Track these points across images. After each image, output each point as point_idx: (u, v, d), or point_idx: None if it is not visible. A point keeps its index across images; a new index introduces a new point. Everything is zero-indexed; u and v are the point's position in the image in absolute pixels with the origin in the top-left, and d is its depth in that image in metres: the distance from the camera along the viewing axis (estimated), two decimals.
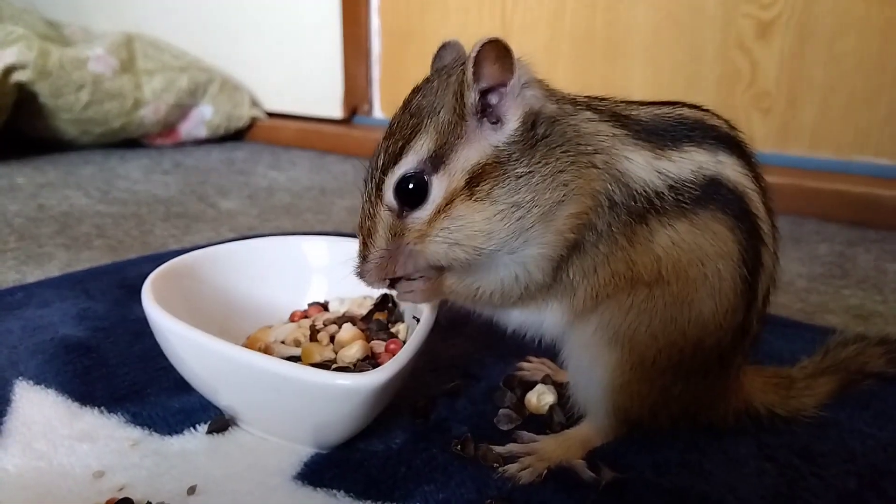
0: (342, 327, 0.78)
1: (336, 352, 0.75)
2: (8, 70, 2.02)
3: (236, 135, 2.59)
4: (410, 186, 0.62)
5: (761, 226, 0.66)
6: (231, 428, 0.72)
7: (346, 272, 0.68)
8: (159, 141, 2.44)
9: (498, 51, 0.59)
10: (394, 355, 0.66)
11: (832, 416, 0.77)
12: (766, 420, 0.75)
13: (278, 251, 0.92)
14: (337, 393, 0.62)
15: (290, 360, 0.70)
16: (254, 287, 0.88)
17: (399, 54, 2.36)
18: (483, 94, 0.61)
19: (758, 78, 1.76)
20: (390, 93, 2.42)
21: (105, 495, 0.62)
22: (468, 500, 0.62)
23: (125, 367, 0.84)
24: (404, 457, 0.68)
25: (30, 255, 1.29)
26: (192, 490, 0.63)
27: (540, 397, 0.77)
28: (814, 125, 1.72)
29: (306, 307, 0.88)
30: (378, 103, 2.46)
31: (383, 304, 0.83)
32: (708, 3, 1.78)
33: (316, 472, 0.66)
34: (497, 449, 0.69)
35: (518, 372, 0.84)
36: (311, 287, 0.91)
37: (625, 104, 0.69)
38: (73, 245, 1.36)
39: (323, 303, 0.88)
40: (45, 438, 0.70)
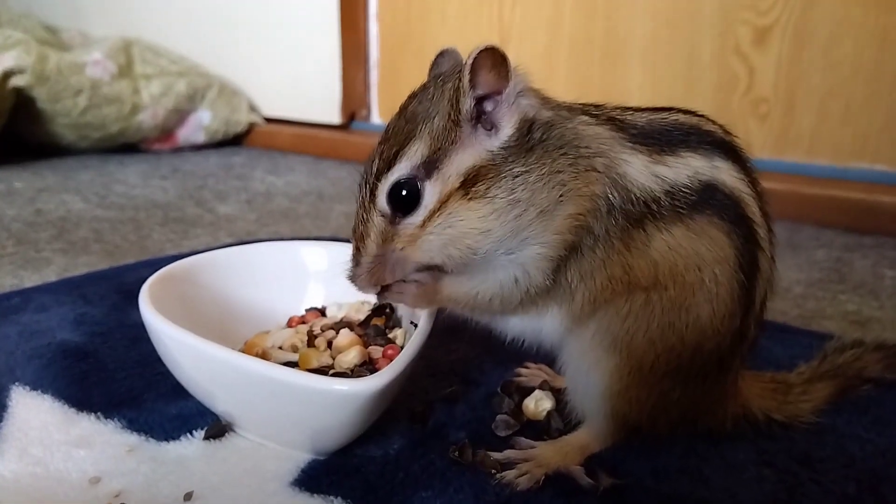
0: (339, 333, 0.78)
1: (334, 357, 0.75)
2: (6, 74, 2.02)
3: (234, 140, 2.59)
4: (403, 192, 0.62)
5: (757, 231, 0.66)
6: (228, 434, 0.72)
7: (344, 278, 0.68)
8: (157, 146, 2.44)
9: (494, 59, 0.60)
10: (391, 361, 0.66)
11: (830, 422, 0.77)
12: (765, 426, 0.75)
13: (276, 256, 0.92)
14: (334, 398, 0.62)
15: (288, 366, 0.70)
16: (251, 292, 0.88)
17: (397, 60, 2.37)
18: (479, 101, 0.62)
19: (755, 84, 1.77)
20: (388, 98, 2.42)
21: (101, 501, 0.61)
22: None
23: (122, 373, 0.84)
24: (402, 463, 0.68)
25: (27, 260, 1.29)
26: (189, 496, 0.62)
27: (538, 403, 0.77)
28: (811, 131, 1.72)
29: (304, 312, 0.88)
30: (376, 109, 2.47)
31: (381, 310, 0.83)
32: (705, 10, 1.79)
33: (313, 478, 0.66)
34: (495, 455, 0.68)
35: (516, 378, 0.84)
36: (309, 292, 0.91)
37: (620, 109, 0.69)
38: (71, 250, 1.36)
39: (320, 308, 0.88)
40: (42, 444, 0.70)
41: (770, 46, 1.73)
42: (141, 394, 0.79)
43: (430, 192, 0.62)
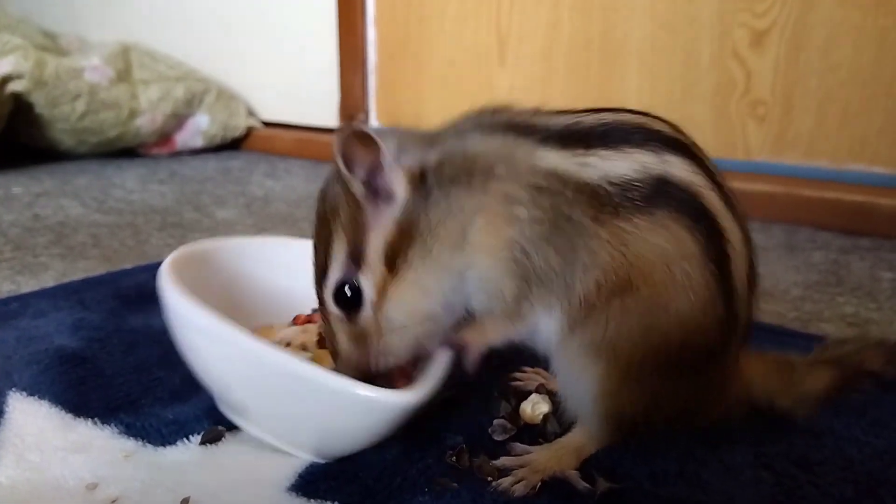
0: None
1: None
2: (4, 80, 2.02)
3: (232, 144, 2.60)
4: (347, 293, 0.64)
5: (720, 222, 0.64)
6: (224, 439, 0.72)
7: None
8: (155, 150, 2.44)
9: (357, 137, 0.61)
10: (403, 369, 0.67)
11: (828, 425, 0.77)
12: (765, 423, 0.75)
13: (289, 252, 0.90)
14: (372, 406, 0.63)
15: None
16: (259, 284, 0.87)
17: (395, 65, 2.37)
18: (367, 181, 0.63)
19: (753, 86, 1.77)
20: (386, 103, 2.42)
21: None
22: None
23: (119, 378, 0.84)
24: (399, 467, 0.68)
25: (25, 265, 1.29)
26: (186, 501, 0.62)
27: (535, 407, 0.77)
28: (809, 134, 1.72)
29: (310, 312, 0.87)
30: (374, 113, 2.47)
31: None
32: (703, 12, 1.79)
33: (310, 483, 0.65)
34: (491, 462, 0.68)
35: (512, 382, 0.84)
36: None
37: (531, 114, 0.69)
38: (69, 255, 1.36)
39: None
40: (39, 450, 0.69)
41: (768, 49, 1.73)
42: (138, 399, 0.79)
43: (367, 284, 0.64)
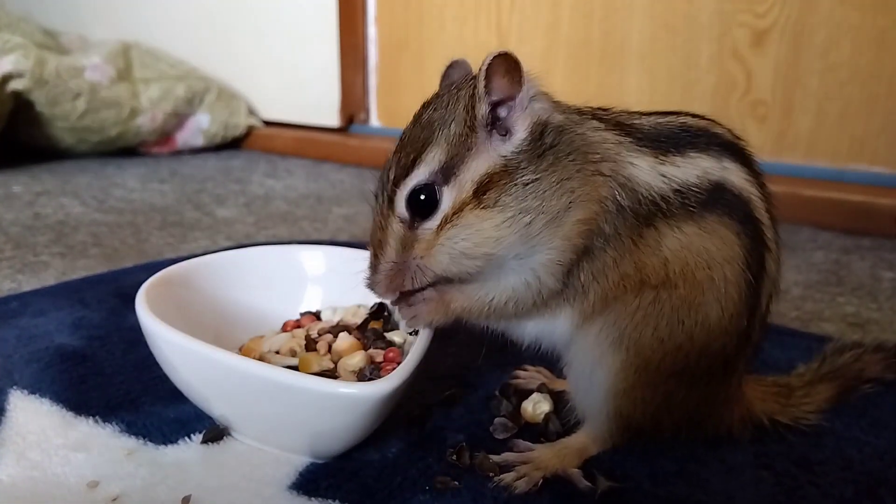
0: (338, 336, 0.78)
1: (334, 361, 0.75)
2: (5, 78, 2.02)
3: (233, 143, 2.59)
4: (422, 197, 0.63)
5: (765, 232, 0.67)
6: (226, 438, 0.72)
7: (341, 281, 0.68)
8: (156, 149, 2.44)
9: (508, 64, 0.61)
10: (394, 363, 0.66)
11: (829, 425, 0.77)
12: (766, 428, 0.75)
13: (271, 260, 0.91)
14: (344, 402, 0.62)
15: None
16: (246, 296, 0.88)
17: (396, 64, 2.37)
18: (493, 107, 0.62)
19: (753, 87, 1.77)
20: (387, 102, 2.43)
21: None
22: None
23: (120, 377, 0.84)
24: (400, 466, 0.68)
25: (25, 264, 1.29)
26: (187, 500, 0.62)
27: (536, 406, 0.77)
28: (809, 134, 1.73)
29: (298, 317, 0.87)
30: (375, 112, 2.47)
31: (378, 313, 0.83)
32: (703, 13, 1.79)
33: (311, 482, 0.66)
34: (493, 458, 0.68)
35: (514, 380, 0.84)
36: (304, 296, 0.91)
37: (627, 114, 0.70)
38: (69, 254, 1.36)
39: (315, 312, 0.88)
40: (40, 448, 0.69)
41: (768, 49, 1.73)
42: (139, 397, 0.79)
43: (448, 198, 0.63)
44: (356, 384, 0.64)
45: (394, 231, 0.65)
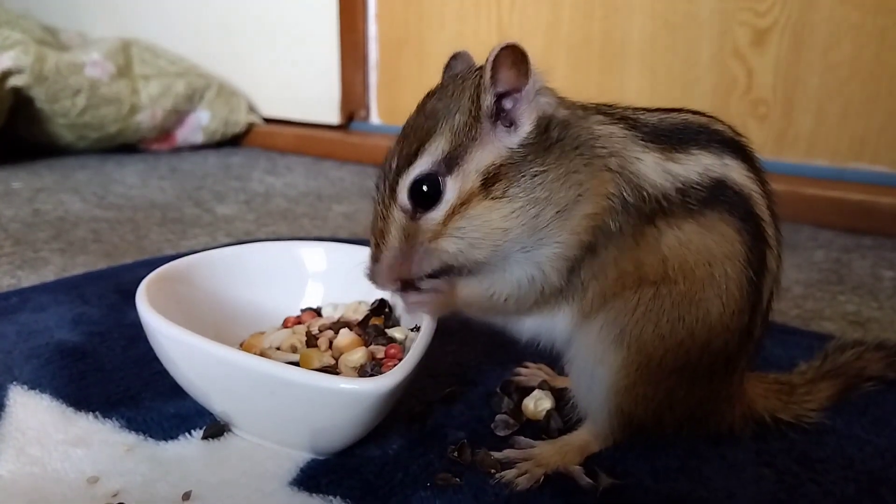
0: (339, 333, 0.78)
1: (335, 358, 0.75)
2: (4, 74, 2.02)
3: (233, 140, 2.59)
4: (425, 188, 0.63)
5: (766, 229, 0.67)
6: (226, 433, 0.72)
7: (342, 277, 0.68)
8: (156, 146, 2.43)
9: (515, 56, 0.61)
10: (396, 359, 0.66)
11: (830, 423, 0.77)
12: (767, 426, 0.75)
13: (271, 257, 0.91)
14: (346, 398, 0.62)
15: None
16: (247, 293, 0.88)
17: (396, 61, 2.37)
18: (498, 99, 0.62)
19: (754, 85, 1.77)
20: (387, 99, 2.42)
21: (99, 501, 0.61)
22: None
23: (120, 372, 0.84)
24: (401, 463, 0.68)
25: (25, 260, 1.28)
26: (187, 496, 0.62)
27: (537, 403, 0.77)
28: (810, 133, 1.72)
29: (299, 313, 0.87)
30: (375, 109, 2.46)
31: (379, 309, 0.83)
32: (703, 11, 1.79)
33: (312, 478, 0.65)
34: (494, 455, 0.68)
35: (515, 377, 0.84)
36: (305, 293, 0.91)
37: (633, 109, 0.70)
38: (69, 250, 1.35)
39: (315, 308, 0.88)
40: (40, 444, 0.69)
41: (769, 48, 1.73)
42: (139, 393, 0.79)
43: (451, 188, 0.63)
44: (357, 380, 0.64)
45: (396, 221, 0.65)
